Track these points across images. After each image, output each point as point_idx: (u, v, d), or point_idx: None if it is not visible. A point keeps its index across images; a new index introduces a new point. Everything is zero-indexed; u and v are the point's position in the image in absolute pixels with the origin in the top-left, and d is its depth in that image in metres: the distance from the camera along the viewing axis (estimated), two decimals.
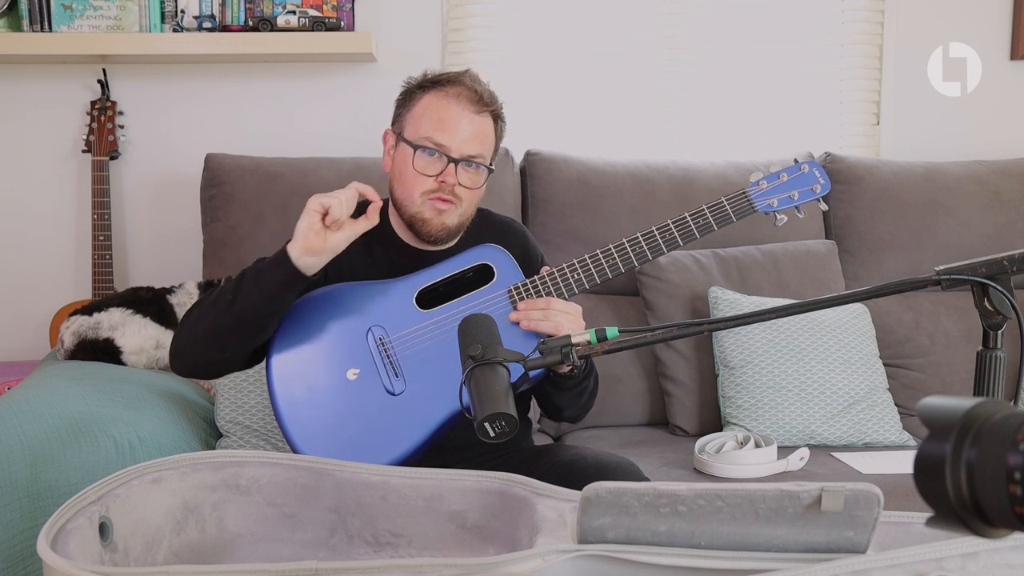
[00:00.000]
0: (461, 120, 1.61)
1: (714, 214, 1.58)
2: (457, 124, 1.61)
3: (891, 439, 2.14)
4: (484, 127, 1.64)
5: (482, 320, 1.20)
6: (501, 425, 1.08)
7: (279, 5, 2.61)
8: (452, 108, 1.62)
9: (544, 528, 1.08)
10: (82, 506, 1.06)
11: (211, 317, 1.55)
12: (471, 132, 1.62)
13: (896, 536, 1.09)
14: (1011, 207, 2.54)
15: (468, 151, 1.62)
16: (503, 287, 1.61)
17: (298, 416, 1.59)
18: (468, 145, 1.62)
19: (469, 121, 1.62)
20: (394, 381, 1.60)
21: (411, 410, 1.58)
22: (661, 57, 2.76)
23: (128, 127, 2.70)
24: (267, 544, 1.23)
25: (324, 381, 1.59)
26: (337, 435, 1.57)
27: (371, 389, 1.60)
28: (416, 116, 1.64)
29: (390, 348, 1.61)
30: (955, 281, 1.09)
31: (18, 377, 2.30)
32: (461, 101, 1.62)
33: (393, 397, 1.60)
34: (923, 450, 0.56)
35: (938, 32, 2.76)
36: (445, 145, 1.61)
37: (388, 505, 1.22)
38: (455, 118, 1.61)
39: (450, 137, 1.61)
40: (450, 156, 1.61)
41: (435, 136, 1.61)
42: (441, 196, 1.62)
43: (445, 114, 1.61)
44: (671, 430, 2.30)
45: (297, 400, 1.59)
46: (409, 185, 1.64)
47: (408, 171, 1.63)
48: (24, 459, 1.51)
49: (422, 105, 1.64)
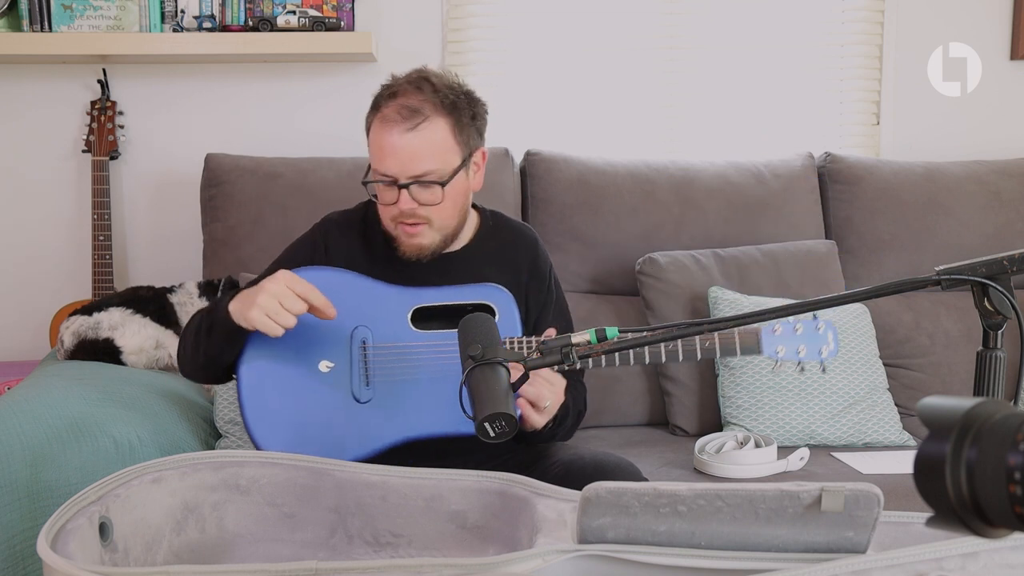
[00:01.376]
0: (395, 144, 1.58)
1: (723, 344, 1.56)
2: (392, 148, 1.58)
3: (891, 439, 2.14)
4: (423, 140, 1.58)
5: (482, 320, 1.20)
6: (501, 425, 1.08)
7: (279, 5, 2.61)
8: (385, 134, 1.59)
9: (544, 528, 1.08)
10: (82, 506, 1.06)
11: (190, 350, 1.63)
12: (409, 152, 1.58)
13: (896, 536, 1.09)
14: (1011, 207, 2.54)
15: (413, 171, 1.59)
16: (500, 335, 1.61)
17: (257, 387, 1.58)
18: (410, 166, 1.58)
19: (404, 142, 1.58)
20: (363, 388, 1.59)
21: (367, 423, 1.57)
22: (661, 57, 2.76)
23: (128, 127, 2.70)
24: (267, 544, 1.23)
25: (295, 364, 1.58)
26: (289, 419, 1.57)
27: (338, 387, 1.59)
28: (370, 143, 1.64)
29: (369, 354, 1.60)
30: (955, 281, 1.09)
31: (18, 377, 2.30)
32: (392, 123, 1.58)
33: (357, 403, 1.59)
34: (923, 450, 0.56)
35: (938, 32, 2.76)
36: (390, 175, 1.60)
37: (388, 505, 1.22)
38: (390, 145, 1.58)
39: (390, 165, 1.59)
40: (398, 183, 1.60)
41: (380, 167, 1.61)
42: (403, 222, 1.63)
43: (383, 142, 1.59)
44: (671, 430, 2.30)
45: (261, 371, 1.58)
46: (382, 214, 1.67)
47: (378, 203, 1.66)
48: (24, 459, 1.51)
49: (371, 134, 1.63)
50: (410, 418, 1.58)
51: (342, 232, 1.74)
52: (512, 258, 1.76)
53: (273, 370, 1.58)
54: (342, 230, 1.74)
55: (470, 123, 1.64)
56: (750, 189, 2.50)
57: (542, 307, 1.78)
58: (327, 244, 1.72)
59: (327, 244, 1.72)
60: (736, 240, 2.47)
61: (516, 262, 1.76)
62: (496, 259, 1.75)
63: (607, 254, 2.46)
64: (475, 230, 1.77)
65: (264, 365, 1.59)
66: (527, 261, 1.77)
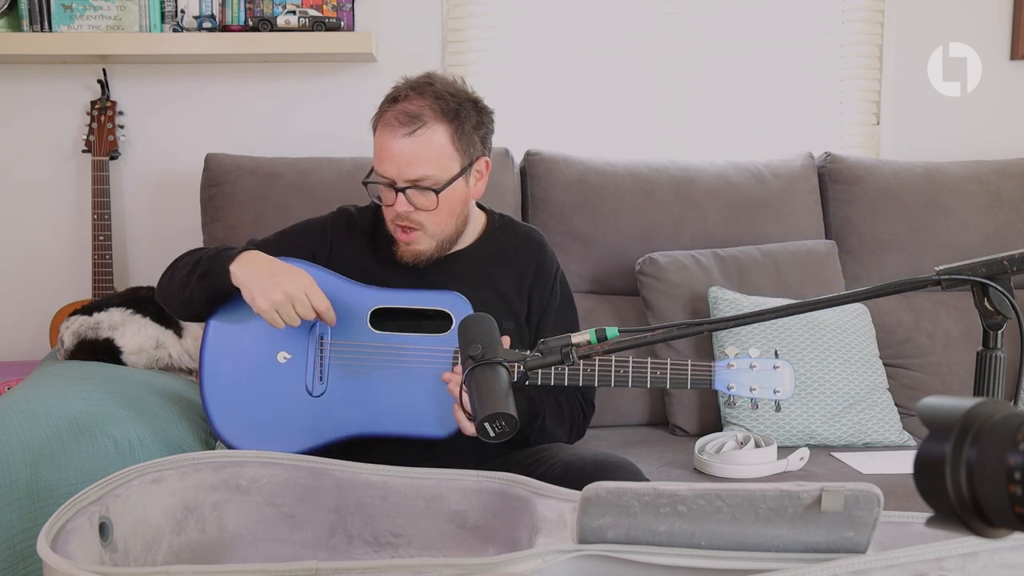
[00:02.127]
0: (394, 148, 1.60)
1: (673, 374, 1.58)
2: (391, 152, 1.61)
3: (891, 439, 2.14)
4: (420, 145, 1.59)
5: (482, 320, 1.20)
6: (501, 425, 1.09)
7: (279, 5, 2.61)
8: (386, 137, 1.61)
9: (544, 528, 1.08)
10: (82, 506, 1.06)
11: (176, 282, 1.65)
12: (407, 155, 1.60)
13: (896, 536, 1.09)
14: (1011, 207, 2.54)
15: (409, 176, 1.61)
16: (451, 344, 1.62)
17: (217, 373, 1.64)
18: (407, 169, 1.60)
19: (402, 146, 1.60)
20: (316, 383, 1.63)
21: (318, 416, 1.62)
22: (661, 57, 2.76)
23: (128, 127, 2.70)
24: (267, 544, 1.23)
25: (254, 353, 1.64)
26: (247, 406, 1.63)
27: (293, 379, 1.64)
28: (375, 144, 1.66)
29: (325, 350, 1.63)
30: (955, 281, 1.09)
31: (18, 377, 2.30)
32: (393, 126, 1.60)
33: (309, 396, 1.63)
34: (923, 450, 0.56)
35: (938, 32, 2.76)
36: (388, 176, 1.62)
37: (388, 505, 1.22)
38: (389, 147, 1.61)
39: (388, 167, 1.61)
40: (395, 186, 1.62)
41: (379, 169, 1.63)
42: (399, 224, 1.64)
43: (383, 144, 1.62)
44: (671, 430, 2.30)
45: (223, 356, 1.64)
46: (385, 215, 1.69)
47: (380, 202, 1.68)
48: (24, 459, 1.51)
49: (375, 136, 1.66)
50: (360, 415, 1.62)
51: (352, 225, 1.76)
52: (516, 259, 1.77)
53: (235, 353, 1.64)
54: (353, 224, 1.77)
55: (472, 131, 1.64)
56: (750, 189, 2.50)
57: (544, 308, 1.78)
58: (335, 235, 1.75)
59: (335, 235, 1.75)
60: (736, 240, 2.47)
61: (521, 263, 1.77)
62: (501, 260, 1.76)
63: (607, 254, 2.46)
64: (481, 231, 1.78)
65: (228, 346, 1.65)
66: (532, 262, 1.78)
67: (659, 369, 1.57)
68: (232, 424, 1.63)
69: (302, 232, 1.77)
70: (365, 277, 1.70)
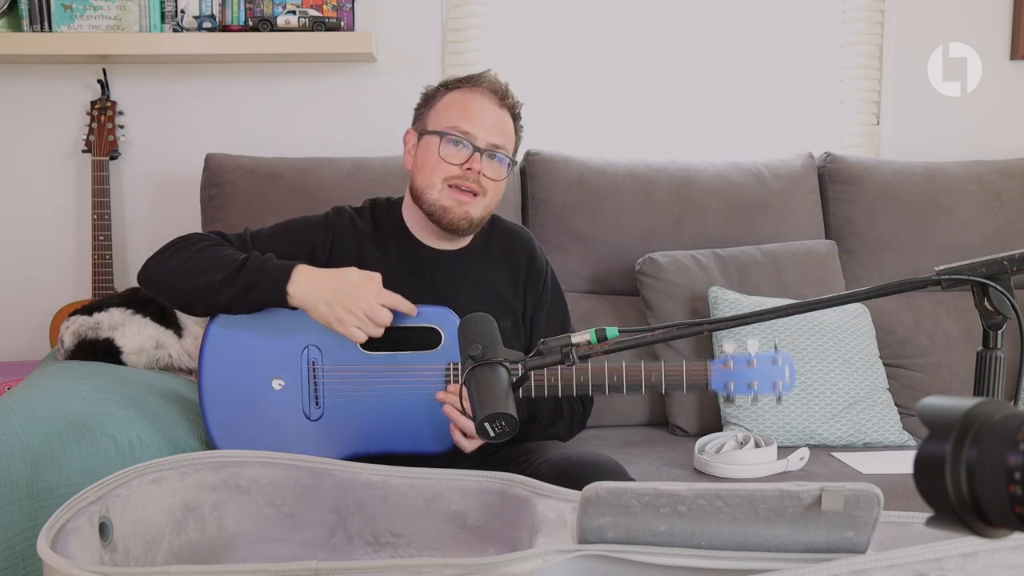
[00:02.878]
0: (486, 109, 1.66)
1: (668, 377, 1.56)
2: (482, 112, 1.66)
3: (891, 439, 2.14)
4: (506, 120, 1.69)
5: (482, 320, 1.20)
6: (501, 425, 1.08)
7: (279, 5, 2.61)
8: (477, 99, 1.67)
9: (544, 528, 1.08)
10: (82, 506, 1.06)
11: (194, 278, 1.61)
12: (495, 121, 1.67)
13: (896, 536, 1.09)
14: (1011, 207, 2.54)
15: (493, 140, 1.66)
16: (442, 361, 1.62)
17: (218, 401, 1.65)
18: (493, 134, 1.66)
19: (493, 112, 1.67)
20: (313, 408, 1.65)
21: (319, 439, 1.63)
22: (661, 57, 2.76)
23: (128, 127, 2.70)
24: (267, 544, 1.23)
25: (250, 380, 1.65)
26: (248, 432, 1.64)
27: (290, 405, 1.65)
28: (440, 110, 1.68)
29: (319, 374, 1.64)
30: (955, 281, 1.09)
31: (18, 377, 2.29)
32: (485, 93, 1.68)
33: (307, 421, 1.64)
34: (923, 450, 0.56)
35: (938, 32, 2.76)
36: (471, 133, 1.65)
37: (388, 505, 1.22)
38: (480, 107, 1.66)
39: (476, 126, 1.65)
40: (475, 145, 1.64)
41: (461, 124, 1.65)
42: (466, 184, 1.64)
43: (470, 103, 1.67)
44: (671, 430, 2.30)
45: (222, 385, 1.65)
46: (431, 171, 1.66)
47: (432, 158, 1.65)
48: (24, 459, 1.51)
49: (446, 101, 1.69)
50: (358, 436, 1.64)
51: (353, 223, 1.76)
52: (511, 257, 1.80)
53: (232, 380, 1.65)
54: (353, 222, 1.77)
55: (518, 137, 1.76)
56: (750, 189, 2.50)
57: (537, 304, 1.80)
58: (336, 231, 1.74)
59: (336, 231, 1.74)
60: (736, 240, 2.47)
61: (515, 260, 1.80)
62: (497, 259, 1.77)
63: (607, 254, 2.46)
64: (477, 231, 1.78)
65: (225, 373, 1.66)
66: (524, 260, 1.80)
67: (653, 373, 1.57)
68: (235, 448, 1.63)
69: (302, 228, 1.76)
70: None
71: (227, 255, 1.62)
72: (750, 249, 2.42)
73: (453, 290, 1.70)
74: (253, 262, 1.59)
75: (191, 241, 1.67)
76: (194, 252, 1.63)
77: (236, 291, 1.58)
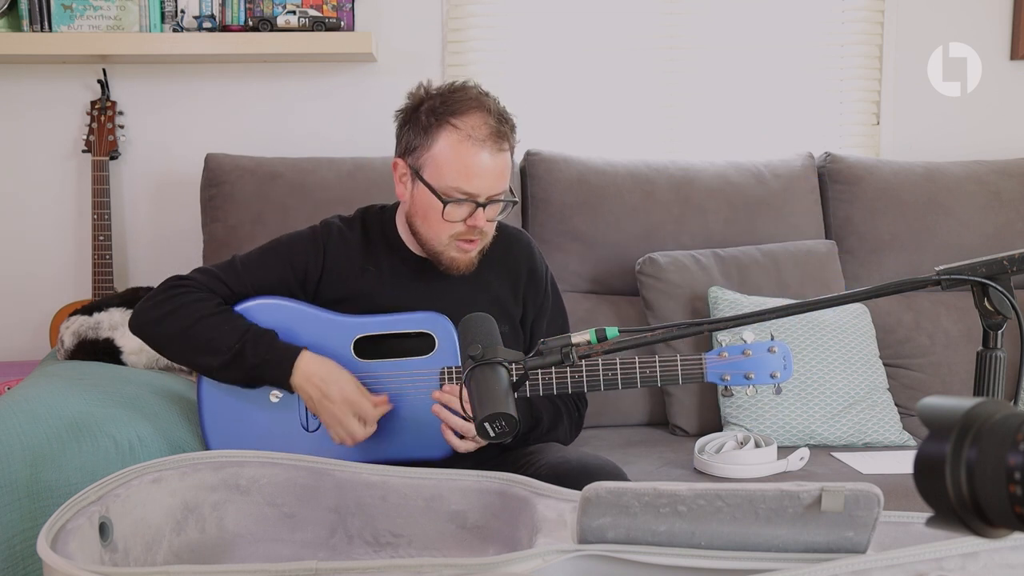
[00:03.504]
0: (486, 164, 1.59)
1: (663, 371, 1.56)
2: (483, 169, 1.58)
3: (891, 439, 2.14)
4: (505, 160, 1.62)
5: (482, 320, 1.20)
6: (501, 425, 1.08)
7: (279, 5, 2.61)
8: (475, 154, 1.58)
9: (544, 528, 1.08)
10: (82, 506, 1.06)
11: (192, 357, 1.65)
12: (495, 173, 1.60)
13: (896, 536, 1.09)
14: (1011, 207, 2.53)
15: (494, 191, 1.61)
16: (437, 365, 1.62)
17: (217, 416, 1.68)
18: (494, 186, 1.61)
19: (493, 163, 1.59)
20: (310, 419, 1.66)
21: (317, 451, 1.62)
22: (661, 57, 2.76)
23: (128, 127, 2.70)
24: (267, 544, 1.23)
25: (248, 393, 1.66)
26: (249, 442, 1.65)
27: (288, 417, 1.66)
28: (438, 161, 1.59)
29: None
30: (955, 281, 1.09)
31: (18, 377, 2.29)
32: (483, 143, 1.58)
33: (305, 432, 1.66)
34: (923, 450, 0.56)
35: (938, 32, 2.76)
36: (473, 194, 1.59)
37: (388, 505, 1.22)
38: (480, 165, 1.58)
39: (478, 185, 1.59)
40: (477, 202, 1.60)
41: (463, 186, 1.59)
42: (468, 238, 1.63)
43: (470, 162, 1.58)
44: (671, 430, 2.30)
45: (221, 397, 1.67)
46: (436, 230, 1.63)
47: (434, 217, 1.62)
48: (24, 459, 1.51)
49: (442, 147, 1.59)
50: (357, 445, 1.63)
51: (343, 236, 1.73)
52: (510, 262, 1.78)
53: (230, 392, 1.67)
54: (343, 235, 1.73)
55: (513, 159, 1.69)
56: (750, 189, 2.50)
57: (538, 311, 1.79)
58: (327, 247, 1.72)
59: (327, 247, 1.72)
60: (736, 240, 2.47)
61: (515, 266, 1.78)
62: (496, 264, 1.76)
63: (607, 254, 2.46)
64: None
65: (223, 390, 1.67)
66: (524, 265, 1.78)
67: (648, 367, 1.56)
68: None
69: (290, 248, 1.72)
70: (359, 287, 1.69)
71: (222, 332, 1.61)
72: (750, 249, 2.42)
73: (448, 297, 1.70)
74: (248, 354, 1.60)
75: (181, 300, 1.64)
76: (187, 322, 1.62)
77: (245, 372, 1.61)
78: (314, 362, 1.59)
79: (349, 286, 1.69)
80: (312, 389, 1.58)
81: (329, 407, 1.57)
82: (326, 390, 1.57)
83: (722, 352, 1.54)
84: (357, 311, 1.67)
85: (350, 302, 1.68)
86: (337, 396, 1.57)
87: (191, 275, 1.70)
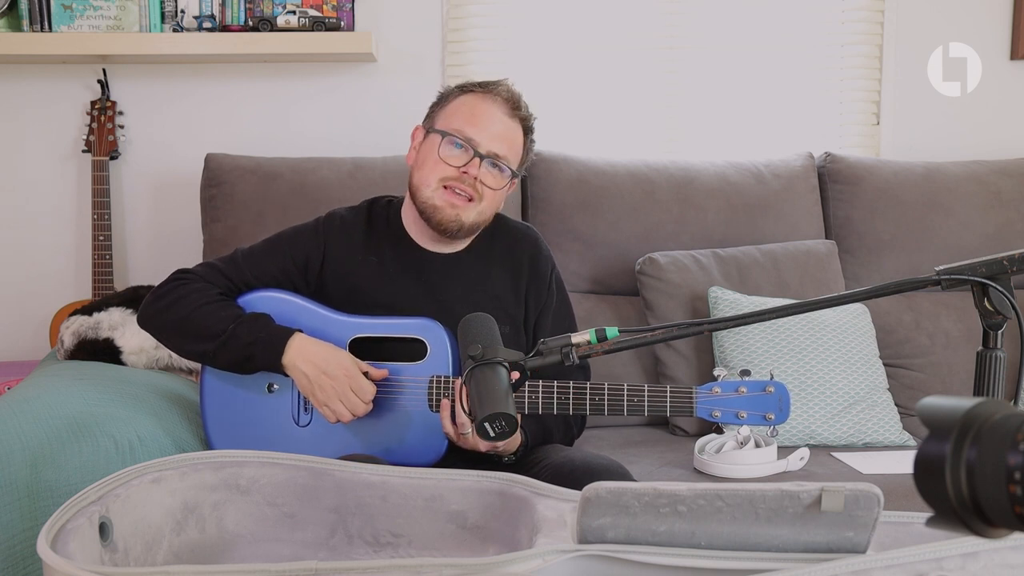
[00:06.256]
0: (493, 117, 1.65)
1: (651, 401, 1.54)
2: (489, 120, 1.64)
3: (891, 439, 2.14)
4: (514, 131, 1.67)
5: (482, 320, 1.20)
6: (501, 425, 1.09)
7: (279, 5, 2.61)
8: (487, 105, 1.65)
9: (544, 528, 1.08)
10: (82, 506, 1.06)
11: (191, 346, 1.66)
12: (501, 130, 1.65)
13: (896, 536, 1.09)
14: (1011, 207, 2.53)
15: (495, 149, 1.64)
16: (427, 373, 1.63)
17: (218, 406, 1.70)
18: (496, 143, 1.64)
19: (501, 121, 1.65)
20: (302, 414, 1.67)
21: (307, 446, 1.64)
22: (661, 57, 2.76)
23: (128, 127, 2.70)
24: (267, 544, 1.23)
25: (247, 384, 1.69)
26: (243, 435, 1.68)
27: (282, 410, 1.68)
28: (450, 111, 1.67)
29: None
30: (955, 281, 1.09)
31: (18, 377, 2.30)
32: (497, 101, 1.66)
33: (297, 427, 1.67)
34: (923, 450, 0.56)
35: (938, 32, 2.76)
36: (474, 139, 1.63)
37: (388, 505, 1.22)
38: (487, 114, 1.64)
39: (480, 132, 1.63)
40: (477, 151, 1.62)
41: (465, 129, 1.63)
42: (460, 187, 1.63)
43: (478, 109, 1.65)
44: (671, 430, 2.30)
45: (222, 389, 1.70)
46: (428, 170, 1.65)
47: (431, 157, 1.65)
48: (24, 459, 1.51)
49: (458, 103, 1.67)
50: (347, 442, 1.65)
51: (345, 227, 1.74)
52: (513, 259, 1.77)
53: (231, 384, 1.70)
54: (346, 227, 1.75)
55: (527, 152, 1.73)
56: (750, 189, 2.50)
57: (541, 308, 1.78)
58: (327, 238, 1.73)
59: (327, 238, 1.73)
60: (736, 240, 2.47)
61: (517, 263, 1.77)
62: (498, 260, 1.75)
63: (607, 254, 2.46)
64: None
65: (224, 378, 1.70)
66: (527, 261, 1.77)
67: (636, 396, 1.54)
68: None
69: (292, 240, 1.74)
70: (361, 277, 1.70)
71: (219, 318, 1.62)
72: (750, 249, 2.42)
73: (449, 294, 1.69)
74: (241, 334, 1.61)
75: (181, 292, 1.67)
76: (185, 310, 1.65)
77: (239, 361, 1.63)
78: (309, 342, 1.60)
79: (351, 275, 1.70)
80: (308, 367, 1.57)
81: (329, 383, 1.57)
82: (325, 366, 1.57)
83: (714, 388, 1.50)
84: (358, 300, 1.68)
85: (352, 291, 1.69)
86: (338, 371, 1.57)
87: (194, 268, 1.73)
